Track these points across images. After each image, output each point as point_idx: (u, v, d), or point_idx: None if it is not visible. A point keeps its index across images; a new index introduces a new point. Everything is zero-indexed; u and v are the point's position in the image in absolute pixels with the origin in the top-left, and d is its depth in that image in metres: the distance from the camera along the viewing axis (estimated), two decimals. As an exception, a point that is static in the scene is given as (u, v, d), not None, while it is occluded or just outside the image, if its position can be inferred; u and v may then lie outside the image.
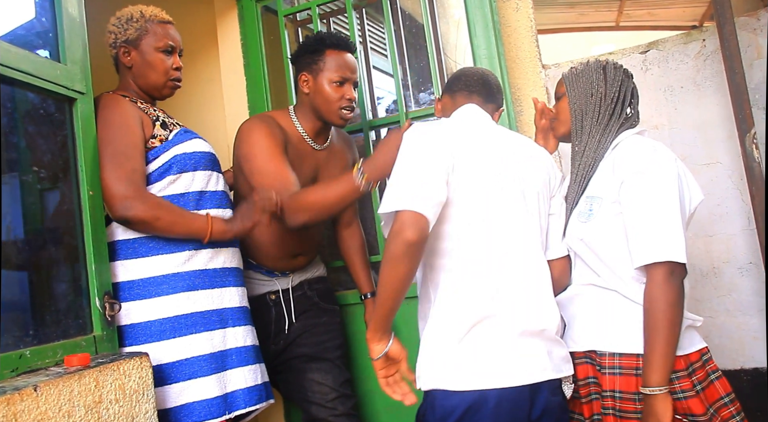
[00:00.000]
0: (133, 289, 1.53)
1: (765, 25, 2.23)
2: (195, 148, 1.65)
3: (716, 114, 2.28)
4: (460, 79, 1.62)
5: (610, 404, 1.38)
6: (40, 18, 1.44)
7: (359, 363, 2.21)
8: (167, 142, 1.62)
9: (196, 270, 1.59)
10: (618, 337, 1.40)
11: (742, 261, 2.24)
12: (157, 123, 1.64)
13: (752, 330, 2.21)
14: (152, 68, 1.66)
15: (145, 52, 1.66)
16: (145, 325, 1.52)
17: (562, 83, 1.62)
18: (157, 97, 1.72)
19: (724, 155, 2.27)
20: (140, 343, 1.51)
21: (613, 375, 1.38)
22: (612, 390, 1.38)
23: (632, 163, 1.41)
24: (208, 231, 1.57)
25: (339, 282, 2.34)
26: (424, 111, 2.25)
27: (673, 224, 1.33)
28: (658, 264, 1.31)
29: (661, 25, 5.41)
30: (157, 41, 1.66)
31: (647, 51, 2.40)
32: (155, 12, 1.69)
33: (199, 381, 1.53)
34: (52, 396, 1.06)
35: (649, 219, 1.35)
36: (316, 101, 1.86)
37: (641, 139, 1.49)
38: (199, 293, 1.58)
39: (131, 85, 1.69)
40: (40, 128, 1.39)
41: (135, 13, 1.67)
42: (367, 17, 2.58)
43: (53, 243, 1.40)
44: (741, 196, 2.23)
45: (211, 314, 1.60)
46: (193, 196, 1.62)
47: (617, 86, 1.53)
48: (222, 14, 2.54)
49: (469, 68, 1.69)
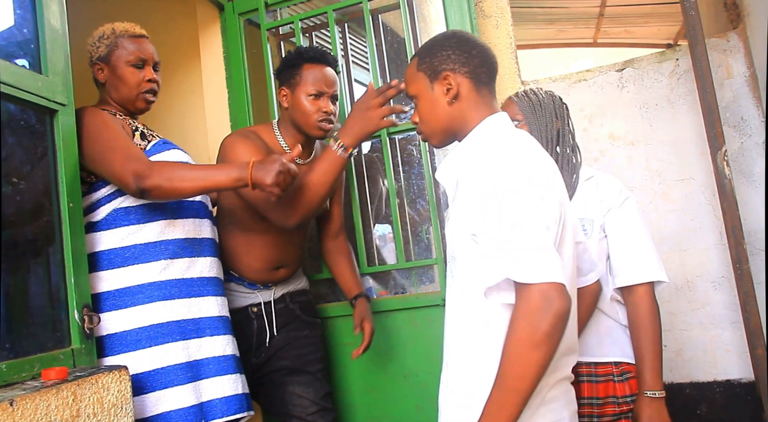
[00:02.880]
0: (110, 300, 1.54)
1: (734, 46, 2.30)
2: (173, 157, 1.66)
3: (690, 131, 2.34)
4: (485, 63, 1.27)
5: (587, 411, 1.45)
6: (21, 28, 1.43)
7: (340, 376, 2.22)
8: (145, 151, 1.63)
9: (173, 279, 1.60)
10: (595, 348, 1.52)
11: (715, 275, 2.29)
12: (136, 133, 1.66)
13: (724, 342, 2.26)
14: (123, 82, 1.68)
15: (115, 66, 1.69)
16: (122, 335, 1.52)
17: (514, 108, 1.60)
18: (133, 111, 1.73)
19: (698, 172, 2.33)
20: (117, 353, 1.51)
21: (591, 382, 1.47)
22: (590, 398, 1.46)
23: (617, 193, 1.57)
24: (248, 177, 1.50)
25: (320, 295, 2.35)
26: (406, 125, 2.27)
27: (653, 248, 1.53)
28: (646, 283, 1.50)
29: (637, 42, 5.55)
30: (127, 55, 1.68)
31: (623, 69, 2.46)
32: (126, 27, 1.71)
33: (174, 390, 1.53)
34: (28, 410, 1.05)
35: (637, 243, 1.52)
36: (294, 115, 1.88)
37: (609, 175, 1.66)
38: (175, 302, 1.59)
39: (109, 100, 1.71)
40: (20, 139, 1.38)
41: (107, 30, 1.70)
42: (349, 31, 2.61)
43: (32, 255, 1.39)
44: (714, 212, 2.28)
45: (187, 323, 1.61)
46: (170, 206, 1.64)
47: (570, 123, 1.60)
48: (204, 26, 2.54)
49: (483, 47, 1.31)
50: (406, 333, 2.18)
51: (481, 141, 1.22)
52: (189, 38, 2.57)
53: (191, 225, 1.68)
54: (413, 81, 1.30)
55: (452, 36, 1.30)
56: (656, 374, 1.45)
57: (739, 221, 2.02)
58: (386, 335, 2.19)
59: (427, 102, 1.28)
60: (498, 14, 2.39)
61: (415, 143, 2.46)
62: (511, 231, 1.04)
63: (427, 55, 1.28)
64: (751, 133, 2.27)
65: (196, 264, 1.66)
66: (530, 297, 1.00)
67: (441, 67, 1.25)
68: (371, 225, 2.39)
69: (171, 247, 1.62)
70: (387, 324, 2.20)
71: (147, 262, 1.58)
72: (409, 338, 2.17)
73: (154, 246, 1.59)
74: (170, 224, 1.63)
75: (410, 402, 2.15)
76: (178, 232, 1.64)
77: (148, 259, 1.58)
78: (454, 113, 1.25)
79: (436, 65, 1.25)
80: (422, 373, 2.14)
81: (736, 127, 2.29)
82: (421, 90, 1.28)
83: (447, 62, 1.25)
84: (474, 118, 1.25)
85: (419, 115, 1.31)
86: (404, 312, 2.18)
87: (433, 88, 1.26)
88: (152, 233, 1.60)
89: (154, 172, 1.48)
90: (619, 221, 1.54)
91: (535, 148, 1.19)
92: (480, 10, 2.35)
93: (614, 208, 1.55)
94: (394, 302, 2.21)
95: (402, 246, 2.22)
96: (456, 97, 1.24)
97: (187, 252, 1.64)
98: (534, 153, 1.17)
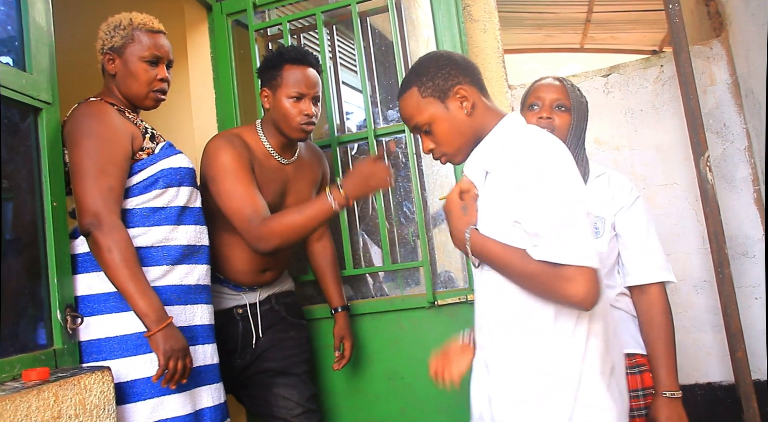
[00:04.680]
0: (110, 301, 1.49)
1: (717, 53, 2.34)
2: (180, 163, 1.64)
3: (673, 137, 2.37)
4: (477, 71, 1.31)
5: None
6: (5, 25, 1.42)
7: (325, 378, 2.21)
8: (154, 155, 1.60)
9: (173, 285, 1.58)
10: None
11: (697, 279, 2.32)
12: (146, 135, 1.62)
13: (706, 346, 2.29)
14: (134, 78, 1.62)
15: (128, 60, 1.62)
16: (123, 339, 1.48)
17: (564, 93, 1.61)
18: (140, 108, 1.68)
19: (681, 176, 2.36)
20: (116, 357, 1.47)
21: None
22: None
23: (629, 192, 1.58)
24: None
25: (306, 296, 2.34)
26: (392, 128, 2.28)
27: (662, 250, 1.56)
28: (659, 283, 1.53)
29: (623, 48, 5.61)
30: (142, 50, 1.62)
31: (609, 74, 2.49)
32: (145, 20, 1.65)
33: (173, 398, 1.51)
34: (8, 412, 1.03)
35: (650, 243, 1.55)
36: (275, 116, 1.85)
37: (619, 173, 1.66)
38: (174, 308, 1.56)
39: (115, 92, 1.65)
40: (3, 138, 1.36)
41: (124, 20, 1.64)
42: (337, 33, 2.61)
43: (13, 254, 1.37)
44: (696, 217, 2.31)
45: (184, 331, 1.57)
46: (175, 211, 1.61)
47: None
48: (192, 27, 2.53)
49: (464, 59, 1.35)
50: (392, 335, 2.18)
51: (506, 134, 1.24)
52: (176, 38, 2.54)
53: (193, 232, 1.65)
54: (421, 110, 1.26)
55: (439, 56, 1.31)
56: (673, 374, 1.46)
57: (721, 226, 2.04)
58: (372, 337, 2.19)
59: (444, 123, 1.25)
60: (486, 18, 2.40)
61: (401, 145, 2.46)
62: (557, 216, 1.08)
63: (426, 79, 1.26)
64: (733, 139, 2.31)
65: (195, 271, 1.64)
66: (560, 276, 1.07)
67: (449, 84, 1.24)
68: (357, 227, 2.39)
69: (173, 253, 1.59)
70: (372, 327, 2.20)
71: (149, 266, 1.54)
72: (395, 340, 2.17)
73: (157, 251, 1.57)
74: (174, 230, 1.60)
75: (395, 404, 2.15)
76: (180, 238, 1.61)
77: (149, 263, 1.54)
78: (475, 123, 1.25)
79: (442, 84, 1.24)
80: (408, 376, 2.14)
81: (719, 133, 2.32)
82: (435, 114, 1.25)
83: (451, 78, 1.24)
84: (491, 121, 1.26)
85: (435, 140, 1.28)
86: (390, 314, 2.18)
87: (447, 108, 1.25)
88: (156, 237, 1.56)
89: (107, 229, 1.44)
90: (630, 220, 1.55)
91: (559, 141, 1.21)
92: (468, 14, 2.36)
93: (626, 206, 1.55)
94: (379, 304, 2.21)
95: (388, 249, 2.22)
96: (474, 107, 1.25)
97: (187, 259, 1.62)
98: (562, 145, 1.20)
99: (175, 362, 1.42)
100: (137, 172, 1.57)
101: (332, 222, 2.20)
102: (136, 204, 1.56)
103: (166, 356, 1.41)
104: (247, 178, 1.75)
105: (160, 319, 1.43)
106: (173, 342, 1.43)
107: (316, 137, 2.37)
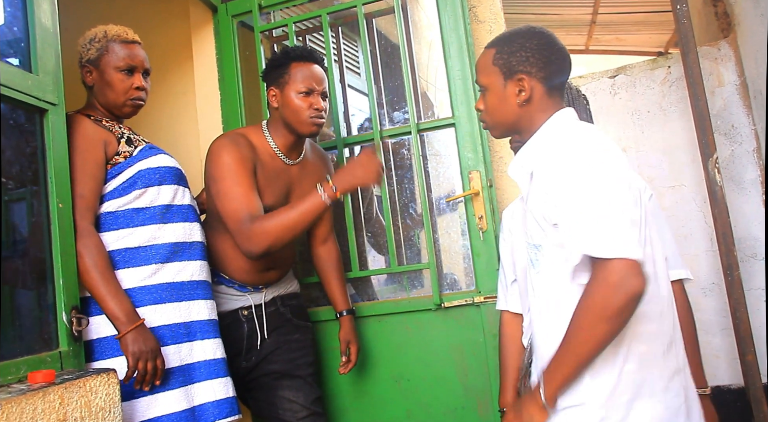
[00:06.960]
0: (93, 303, 1.50)
1: (725, 54, 2.32)
2: (160, 163, 1.65)
3: (681, 138, 2.36)
4: (562, 68, 1.26)
5: None
6: (12, 27, 1.42)
7: (330, 381, 2.20)
8: (131, 157, 1.63)
9: (164, 283, 1.60)
10: None
11: (705, 282, 2.30)
12: (122, 140, 1.65)
13: (714, 348, 2.26)
14: (110, 87, 1.66)
15: (104, 71, 1.66)
16: (112, 339, 1.50)
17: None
18: (119, 116, 1.71)
19: (688, 178, 2.34)
20: (107, 357, 1.49)
21: None
22: None
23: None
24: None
25: (311, 298, 2.33)
26: (398, 129, 2.27)
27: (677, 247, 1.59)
28: (679, 280, 1.56)
29: (628, 50, 5.59)
30: (116, 61, 1.66)
31: (616, 75, 2.47)
32: (119, 31, 1.69)
33: (166, 395, 1.53)
34: (14, 414, 1.03)
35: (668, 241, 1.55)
36: (285, 114, 1.86)
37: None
38: (166, 306, 1.59)
39: (95, 103, 1.69)
40: (9, 139, 1.36)
41: (99, 33, 1.68)
42: (342, 36, 2.60)
43: (19, 256, 1.37)
44: (704, 219, 2.30)
45: (179, 327, 1.60)
46: (159, 210, 1.63)
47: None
48: (197, 28, 2.53)
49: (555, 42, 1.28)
50: (398, 337, 2.17)
51: (553, 134, 1.21)
52: (182, 40, 2.55)
53: (181, 229, 1.66)
54: (485, 72, 1.26)
55: (534, 36, 1.25)
56: (701, 371, 1.45)
57: (729, 228, 2.03)
58: (377, 340, 2.18)
59: (495, 97, 1.25)
60: (492, 20, 2.39)
61: (407, 147, 2.46)
62: (599, 208, 1.05)
63: (505, 50, 1.24)
64: (742, 141, 2.29)
65: (187, 267, 1.65)
66: (607, 274, 1.01)
67: (518, 68, 1.22)
68: (363, 229, 2.38)
69: (161, 251, 1.61)
70: (378, 329, 2.19)
71: (137, 266, 1.57)
72: (401, 342, 2.16)
73: (145, 251, 1.59)
74: (160, 228, 1.62)
75: (401, 407, 2.14)
76: (168, 236, 1.63)
77: (138, 263, 1.57)
78: (523, 114, 1.24)
79: (513, 65, 1.22)
80: (414, 378, 2.13)
81: (727, 135, 2.31)
82: (493, 84, 1.25)
83: (524, 64, 1.22)
84: (542, 118, 1.24)
85: (485, 105, 1.28)
86: (396, 316, 2.17)
87: (505, 86, 1.23)
88: (143, 237, 1.59)
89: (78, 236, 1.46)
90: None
91: (607, 138, 1.19)
92: (474, 15, 2.35)
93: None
94: (385, 306, 2.20)
95: (394, 251, 2.21)
96: (527, 101, 1.22)
97: (177, 257, 1.63)
98: (610, 141, 1.17)
99: (144, 363, 1.46)
100: (115, 175, 1.59)
101: (338, 225, 2.19)
102: (118, 206, 1.58)
103: (134, 357, 1.45)
104: (246, 181, 1.75)
105: (130, 321, 1.47)
106: (142, 343, 1.46)
107: (321, 139, 2.36)
